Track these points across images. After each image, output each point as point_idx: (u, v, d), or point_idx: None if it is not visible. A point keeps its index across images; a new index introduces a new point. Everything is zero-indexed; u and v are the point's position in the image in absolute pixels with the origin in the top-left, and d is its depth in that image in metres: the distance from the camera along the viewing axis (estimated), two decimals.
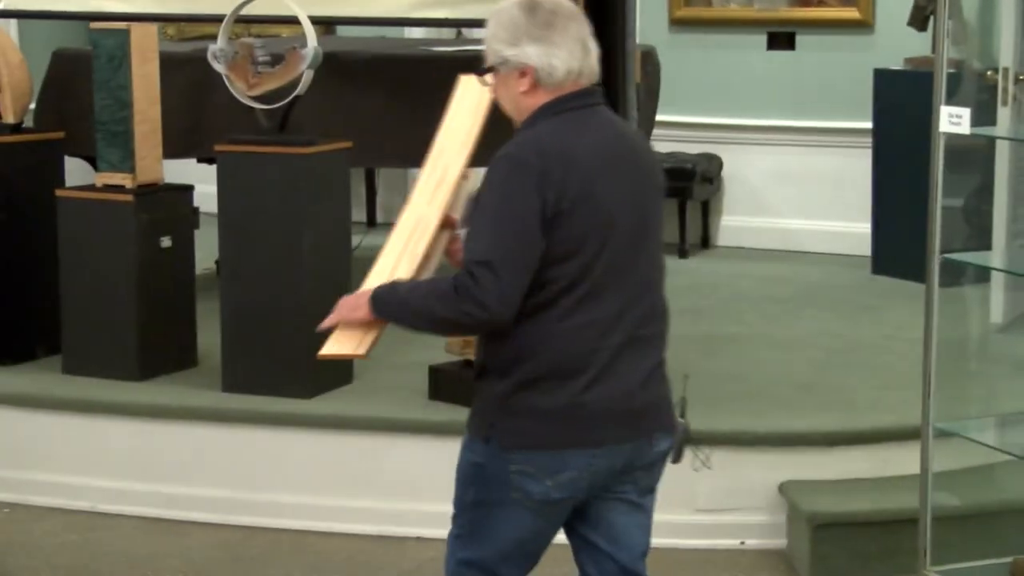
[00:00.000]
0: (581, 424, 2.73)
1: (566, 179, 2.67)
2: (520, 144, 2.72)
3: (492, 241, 2.66)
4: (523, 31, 2.76)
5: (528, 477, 2.74)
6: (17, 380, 5.02)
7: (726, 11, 7.47)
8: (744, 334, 5.71)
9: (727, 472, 4.43)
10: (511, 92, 2.80)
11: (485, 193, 2.73)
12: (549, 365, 2.71)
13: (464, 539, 2.86)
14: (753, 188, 7.53)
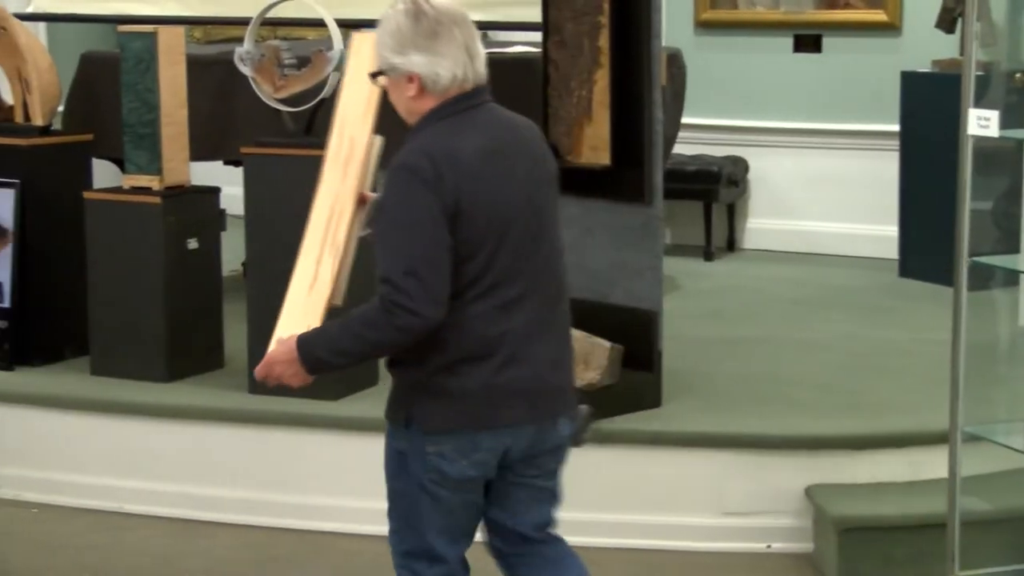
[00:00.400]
0: (494, 405, 2.86)
1: (458, 182, 2.79)
2: (410, 152, 2.82)
3: (405, 250, 2.77)
4: (409, 40, 2.86)
5: (444, 459, 2.87)
6: (45, 381, 5.04)
7: (752, 13, 7.46)
8: (770, 337, 5.69)
9: (753, 475, 4.42)
10: (401, 95, 2.91)
11: (386, 204, 2.83)
12: (462, 350, 2.83)
13: (400, 532, 2.98)
14: (779, 191, 7.51)
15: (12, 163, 5.18)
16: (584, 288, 4.75)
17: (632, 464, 4.47)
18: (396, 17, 2.87)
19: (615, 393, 4.52)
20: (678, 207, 7.25)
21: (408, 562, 2.99)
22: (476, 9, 5.59)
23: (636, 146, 4.55)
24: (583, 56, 4.58)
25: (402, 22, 2.86)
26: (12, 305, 5.15)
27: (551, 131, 4.71)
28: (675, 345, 4.99)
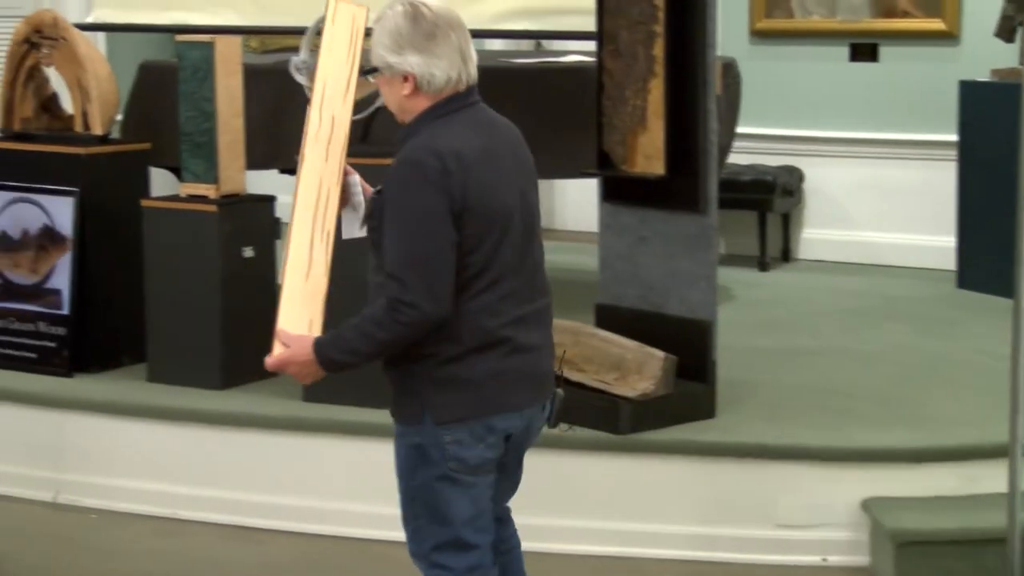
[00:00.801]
0: (503, 391, 2.99)
1: (464, 179, 2.88)
2: (416, 149, 2.91)
3: (410, 246, 2.87)
4: (406, 40, 2.94)
5: (461, 446, 2.97)
6: (103, 387, 5.09)
7: (808, 23, 7.41)
8: (825, 348, 5.65)
9: (808, 487, 4.38)
10: (395, 93, 2.99)
11: (392, 200, 2.91)
12: (471, 341, 2.94)
13: (424, 529, 3.05)
14: (835, 201, 7.46)
15: (71, 171, 5.23)
16: (638, 298, 4.75)
17: (686, 475, 4.45)
18: (395, 18, 2.96)
19: (669, 403, 4.51)
20: (732, 217, 7.22)
21: (438, 557, 3.06)
22: (531, 19, 5.66)
23: (690, 155, 4.53)
24: (638, 65, 4.58)
25: (400, 23, 2.95)
26: (71, 312, 5.20)
27: (605, 140, 4.70)
28: (729, 355, 4.96)
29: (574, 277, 7.03)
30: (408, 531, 3.11)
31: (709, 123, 4.52)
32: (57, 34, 5.38)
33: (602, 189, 4.84)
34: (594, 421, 4.49)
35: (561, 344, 4.64)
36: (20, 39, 5.43)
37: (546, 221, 8.66)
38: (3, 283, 5.33)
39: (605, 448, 4.46)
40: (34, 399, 5.04)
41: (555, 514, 4.50)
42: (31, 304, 5.27)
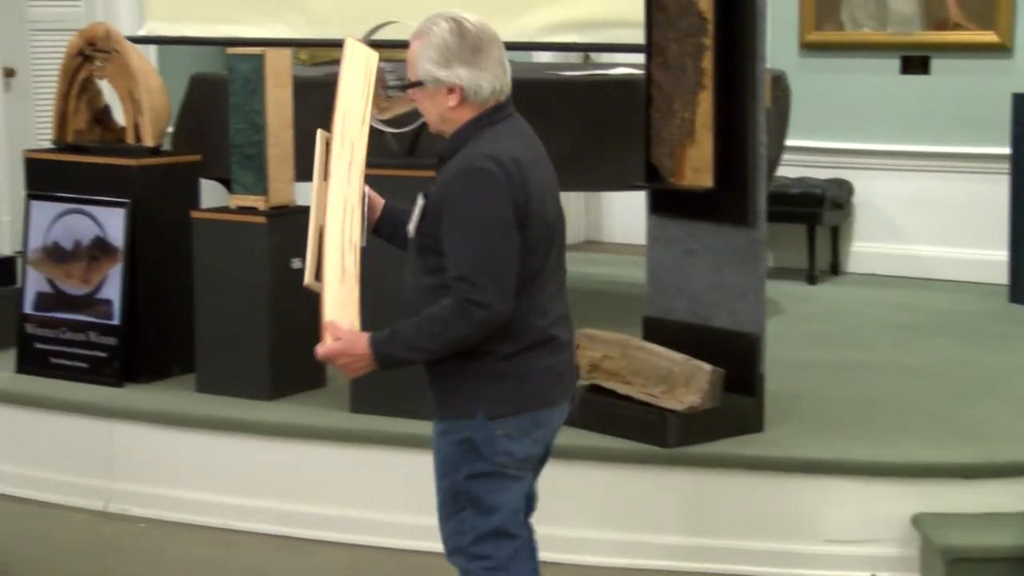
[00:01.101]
0: (550, 386, 3.15)
1: (524, 185, 3.04)
2: (477, 157, 3.03)
3: (480, 249, 3.00)
4: (455, 54, 3.07)
5: (511, 440, 3.11)
6: (153, 398, 5.12)
7: (859, 35, 7.37)
8: (874, 361, 5.61)
9: (857, 502, 4.35)
10: (439, 106, 3.12)
11: (456, 206, 3.03)
12: (524, 339, 3.08)
13: (469, 519, 3.15)
14: (885, 214, 7.41)
15: (123, 183, 5.28)
16: (686, 311, 4.73)
17: (733, 489, 4.43)
18: (441, 33, 3.08)
19: (716, 417, 4.49)
20: (781, 230, 7.18)
21: (480, 549, 3.16)
22: (579, 31, 5.66)
23: (739, 168, 4.52)
24: (687, 77, 4.57)
25: (448, 38, 3.07)
26: (121, 323, 5.24)
27: (653, 152, 4.69)
28: (777, 369, 4.94)
29: (621, 289, 7.02)
30: (447, 528, 3.20)
31: (758, 136, 4.50)
32: (110, 47, 5.43)
33: (650, 202, 4.83)
34: (641, 434, 4.47)
35: (609, 356, 4.65)
36: (74, 52, 5.49)
37: (593, 233, 8.75)
38: (55, 293, 5.38)
39: (652, 461, 4.44)
40: (85, 409, 5.08)
41: (601, 527, 4.49)
42: (82, 314, 5.32)
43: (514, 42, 5.85)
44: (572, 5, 5.64)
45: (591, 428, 4.59)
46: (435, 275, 3.10)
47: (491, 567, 3.16)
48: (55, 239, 5.39)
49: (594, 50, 6.88)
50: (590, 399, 4.66)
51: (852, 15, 7.36)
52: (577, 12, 5.65)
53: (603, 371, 4.67)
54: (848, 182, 7.39)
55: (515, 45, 6.08)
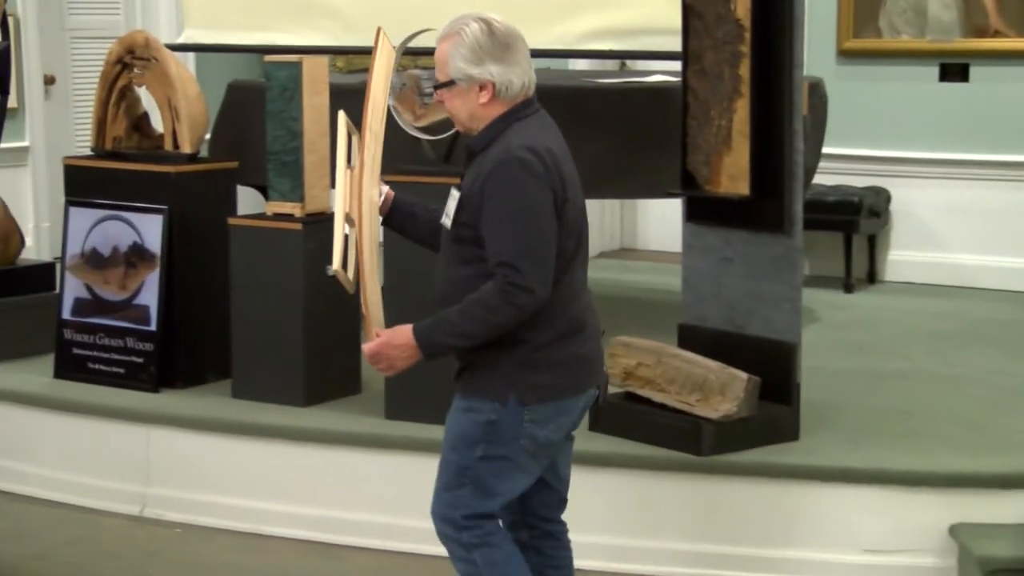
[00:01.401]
0: (580, 374, 3.26)
1: (561, 174, 3.17)
2: (515, 148, 3.14)
3: (521, 236, 3.10)
4: (486, 52, 3.19)
5: (536, 424, 3.22)
6: (189, 403, 5.15)
7: (897, 42, 7.33)
8: (911, 370, 5.58)
9: (894, 512, 4.32)
10: (469, 103, 3.23)
11: (497, 195, 3.12)
12: (558, 328, 3.19)
13: (466, 496, 3.26)
14: (922, 222, 7.36)
15: (161, 190, 5.31)
16: (721, 319, 4.71)
17: (768, 498, 4.41)
18: (472, 33, 3.19)
19: (752, 425, 4.47)
20: (817, 238, 7.16)
21: (474, 523, 3.29)
22: (616, 39, 5.65)
23: (776, 176, 4.50)
24: (723, 85, 4.56)
25: (479, 37, 3.19)
26: (158, 328, 5.27)
27: (689, 160, 4.68)
28: (814, 377, 4.91)
29: (657, 297, 7.00)
30: (443, 497, 3.31)
31: (795, 143, 4.49)
32: (149, 55, 5.47)
33: (686, 209, 4.81)
34: (676, 442, 4.46)
35: (644, 364, 4.64)
36: (113, 60, 5.53)
37: (629, 241, 8.73)
38: (93, 299, 5.42)
39: (687, 469, 4.43)
40: (121, 414, 5.11)
41: (635, 535, 4.48)
42: (120, 320, 5.35)
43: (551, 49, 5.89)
44: (609, 13, 5.64)
45: (626, 436, 4.58)
46: (472, 265, 3.19)
47: (483, 533, 3.31)
48: (93, 245, 5.42)
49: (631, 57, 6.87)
50: (625, 406, 4.66)
51: (891, 22, 7.32)
52: (614, 20, 5.64)
53: (638, 379, 4.66)
54: (886, 190, 7.35)
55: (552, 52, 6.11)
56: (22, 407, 5.29)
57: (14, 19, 7.32)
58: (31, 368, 5.53)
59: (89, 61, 7.99)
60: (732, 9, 4.51)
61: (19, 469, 5.26)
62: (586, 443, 4.60)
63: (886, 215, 7.37)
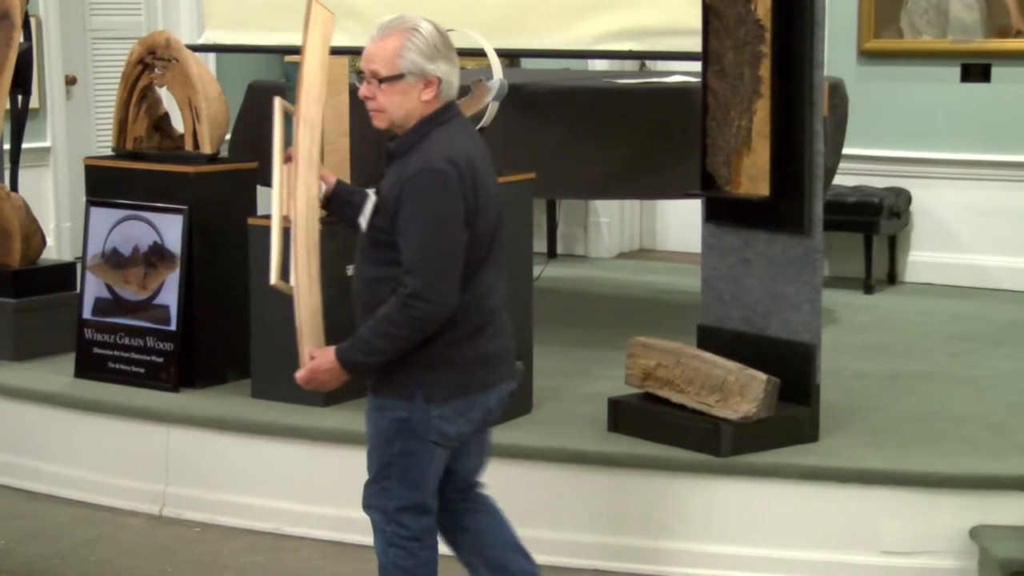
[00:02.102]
0: (487, 371, 3.39)
1: (475, 184, 3.28)
2: (432, 158, 3.25)
3: (429, 247, 3.23)
4: (439, 49, 3.32)
5: (446, 421, 3.36)
6: (208, 403, 5.16)
7: (918, 43, 7.31)
8: (932, 372, 5.56)
9: (914, 514, 4.31)
10: (410, 99, 3.32)
11: (412, 204, 3.24)
12: (465, 327, 3.31)
13: (394, 489, 3.42)
14: (943, 223, 7.34)
15: (181, 190, 5.32)
16: (740, 319, 4.70)
17: (787, 499, 4.40)
18: (427, 32, 3.31)
19: (771, 426, 4.46)
20: (838, 238, 7.14)
21: (401, 518, 3.44)
22: (635, 39, 5.65)
23: (796, 177, 4.49)
24: (743, 86, 4.55)
25: (434, 35, 3.32)
26: (178, 328, 5.29)
27: (709, 161, 4.68)
28: (833, 379, 4.90)
29: (676, 298, 7.00)
30: (373, 489, 3.46)
31: (815, 144, 4.48)
32: (170, 55, 5.48)
33: (705, 210, 4.81)
34: (695, 443, 4.46)
35: (663, 364, 4.64)
36: (135, 60, 5.54)
37: (648, 241, 8.73)
38: (113, 299, 5.44)
39: (705, 470, 4.42)
40: (141, 413, 5.13)
41: (653, 536, 4.47)
42: (140, 319, 5.36)
43: (570, 50, 5.90)
44: (628, 13, 5.63)
45: (645, 437, 4.58)
46: (386, 267, 3.31)
47: (406, 536, 3.45)
48: (114, 245, 5.44)
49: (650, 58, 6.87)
50: (643, 407, 4.65)
51: (912, 23, 7.30)
52: (633, 20, 5.64)
53: (657, 379, 4.65)
54: (906, 191, 7.33)
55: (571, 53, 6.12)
56: (43, 406, 5.31)
57: (36, 19, 7.36)
58: (52, 367, 5.56)
59: (110, 61, 8.02)
60: (752, 9, 4.50)
61: (40, 468, 5.28)
62: (605, 444, 4.60)
63: (906, 216, 7.35)
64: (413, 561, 3.48)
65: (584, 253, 8.38)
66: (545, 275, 6.86)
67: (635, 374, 4.72)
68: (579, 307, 6.97)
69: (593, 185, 6.02)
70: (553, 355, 5.48)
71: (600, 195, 7.27)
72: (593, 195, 7.38)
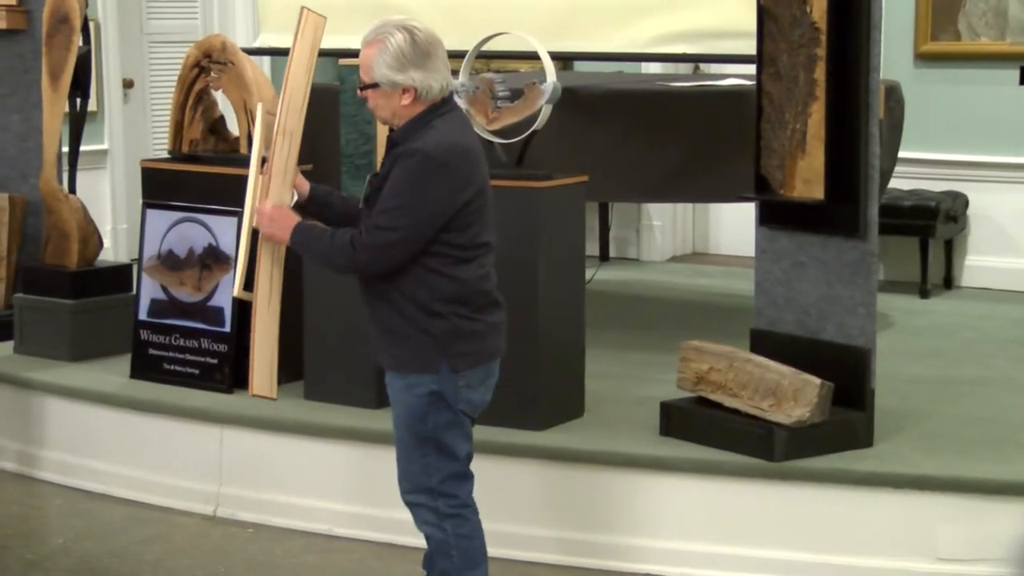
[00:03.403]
0: (497, 339, 3.65)
1: (470, 172, 3.51)
2: (426, 142, 3.47)
3: (401, 220, 3.45)
4: (408, 60, 3.49)
5: (472, 389, 3.60)
6: (262, 404, 5.14)
7: (976, 45, 7.24)
8: (989, 378, 5.50)
9: (971, 520, 4.26)
10: (392, 103, 3.54)
11: (401, 177, 3.46)
12: (476, 301, 3.57)
13: (435, 463, 3.61)
14: (1001, 227, 7.26)
15: (236, 192, 5.32)
16: (795, 323, 4.67)
17: (841, 504, 4.36)
18: (396, 43, 3.48)
19: (825, 431, 4.43)
20: (893, 242, 7.08)
21: (447, 487, 3.63)
22: (689, 42, 5.63)
23: (851, 180, 4.46)
24: (798, 88, 4.52)
25: (402, 46, 3.48)
26: (232, 330, 5.32)
27: (763, 164, 4.65)
28: (888, 383, 4.85)
29: (729, 301, 6.96)
30: (413, 470, 3.64)
31: (871, 147, 4.44)
32: (226, 58, 5.52)
33: (759, 213, 4.78)
34: (748, 447, 4.43)
35: (716, 368, 4.61)
36: (191, 64, 5.58)
37: (701, 245, 8.70)
38: (169, 300, 5.48)
39: (759, 475, 4.40)
40: (195, 414, 5.17)
41: (707, 540, 4.45)
42: (194, 321, 5.40)
43: (624, 52, 5.89)
44: (682, 15, 5.62)
45: (698, 441, 4.56)
46: None
47: (457, 504, 3.65)
48: (169, 247, 5.48)
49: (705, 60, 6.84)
50: (696, 411, 4.63)
51: (970, 24, 7.23)
52: (687, 23, 5.62)
53: (710, 383, 4.63)
54: (963, 194, 7.26)
55: (625, 56, 6.11)
56: (99, 406, 5.36)
57: (95, 23, 7.44)
58: (108, 368, 5.61)
59: (167, 65, 8.09)
60: (808, 12, 4.47)
61: (96, 467, 5.33)
62: (657, 448, 4.59)
63: (963, 220, 7.27)
64: (469, 527, 3.68)
65: (637, 256, 8.36)
66: (597, 278, 6.85)
67: (688, 378, 4.70)
68: (631, 310, 6.95)
69: (646, 188, 6.00)
70: (605, 358, 5.47)
71: (653, 198, 7.25)
72: (646, 198, 7.35)
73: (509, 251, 4.73)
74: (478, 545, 3.70)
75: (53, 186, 5.92)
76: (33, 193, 6.11)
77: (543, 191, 4.72)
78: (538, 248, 4.71)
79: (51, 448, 5.46)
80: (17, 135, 6.25)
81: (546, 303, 4.72)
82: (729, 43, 5.43)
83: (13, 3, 6.16)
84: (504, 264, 4.95)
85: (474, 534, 3.69)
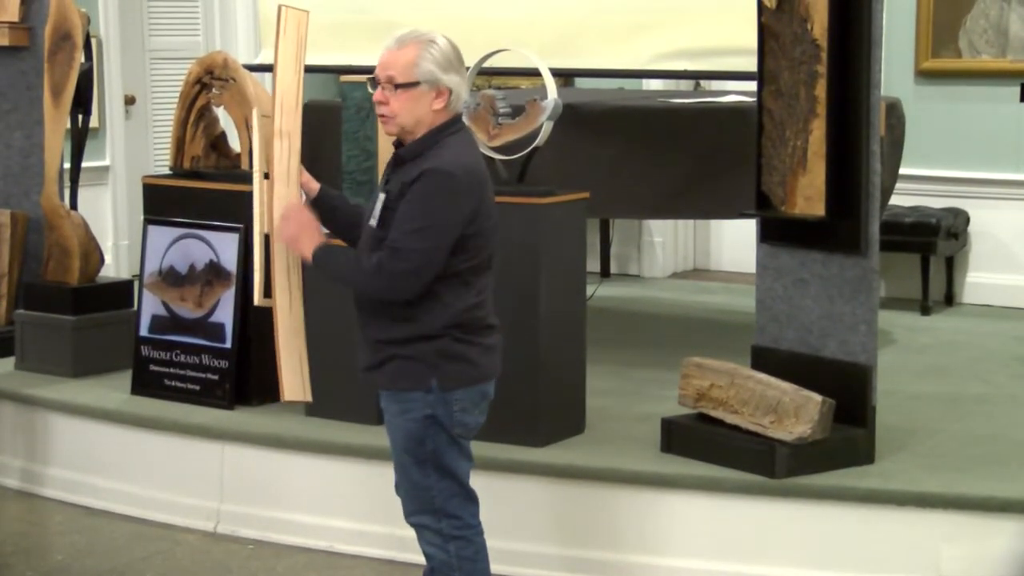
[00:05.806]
0: (490, 361, 3.61)
1: (482, 194, 3.49)
2: (448, 162, 3.43)
3: (418, 242, 3.41)
4: (453, 63, 3.50)
5: (465, 412, 3.58)
6: (263, 421, 5.18)
7: (977, 62, 7.25)
8: (992, 395, 5.49)
9: (973, 538, 4.25)
10: (421, 107, 3.48)
11: (420, 196, 3.41)
12: (472, 323, 3.54)
13: (436, 484, 3.59)
14: (1002, 244, 7.26)
15: (237, 208, 5.35)
16: (796, 340, 4.67)
17: (843, 522, 4.36)
18: (443, 44, 3.49)
19: (826, 448, 4.42)
20: (894, 259, 7.08)
21: (453, 508, 3.62)
22: (690, 59, 5.64)
23: (852, 197, 4.46)
24: (799, 105, 4.52)
25: (449, 48, 3.49)
26: (233, 346, 5.32)
27: (764, 181, 4.65)
28: (890, 401, 4.85)
29: (730, 318, 6.96)
30: (416, 491, 3.61)
31: (872, 164, 4.44)
32: (227, 75, 5.52)
33: (760, 230, 4.78)
34: (749, 464, 4.43)
35: (717, 385, 4.61)
36: (193, 80, 5.59)
37: (702, 261, 8.69)
38: (170, 316, 5.48)
39: (760, 492, 4.39)
40: (196, 430, 5.16)
41: (707, 557, 4.44)
42: (196, 337, 5.40)
43: (625, 69, 5.90)
44: (684, 32, 5.63)
45: (699, 457, 4.55)
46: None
47: (461, 525, 3.63)
48: (171, 263, 5.48)
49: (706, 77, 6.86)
50: (697, 428, 4.63)
51: (970, 42, 7.24)
52: (689, 39, 5.63)
53: (711, 400, 4.63)
54: (964, 211, 7.26)
55: (626, 72, 6.12)
56: (100, 422, 5.36)
57: (97, 40, 7.45)
58: (109, 384, 5.61)
59: (168, 81, 8.11)
60: (809, 29, 4.48)
61: (96, 484, 5.33)
62: (658, 464, 4.58)
63: (964, 236, 7.28)
64: (473, 548, 3.65)
65: (638, 273, 8.36)
66: (598, 295, 6.85)
67: (689, 394, 4.70)
68: (632, 327, 6.95)
69: (647, 205, 6.01)
70: (606, 375, 5.46)
71: (654, 215, 7.26)
72: (647, 215, 7.36)
73: (510, 267, 4.74)
74: (482, 567, 3.68)
75: (55, 202, 5.93)
76: (35, 209, 6.12)
77: (544, 208, 4.72)
78: (539, 264, 4.71)
79: (52, 465, 5.45)
80: (20, 151, 6.26)
81: (547, 319, 4.71)
82: (730, 60, 5.44)
83: (16, 20, 6.17)
84: (505, 280, 4.95)
85: (477, 556, 3.66)
